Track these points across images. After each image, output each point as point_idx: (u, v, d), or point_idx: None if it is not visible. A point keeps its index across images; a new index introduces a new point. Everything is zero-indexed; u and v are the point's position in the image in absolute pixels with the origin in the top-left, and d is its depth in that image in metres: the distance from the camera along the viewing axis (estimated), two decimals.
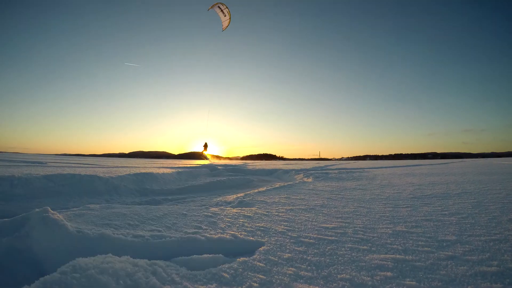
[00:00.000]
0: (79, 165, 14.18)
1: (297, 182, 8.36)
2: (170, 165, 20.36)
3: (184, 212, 3.74)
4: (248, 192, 6.31)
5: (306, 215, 3.59)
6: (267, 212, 3.84)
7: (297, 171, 14.11)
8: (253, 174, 16.89)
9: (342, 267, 1.95)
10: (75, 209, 3.71)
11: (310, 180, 9.30)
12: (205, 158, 47.00)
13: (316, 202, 4.58)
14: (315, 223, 3.16)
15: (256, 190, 6.65)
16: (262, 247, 2.36)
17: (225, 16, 12.64)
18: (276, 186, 7.28)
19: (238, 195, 6.31)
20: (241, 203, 4.85)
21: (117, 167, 14.38)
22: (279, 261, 2.09)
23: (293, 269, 1.95)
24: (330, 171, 12.85)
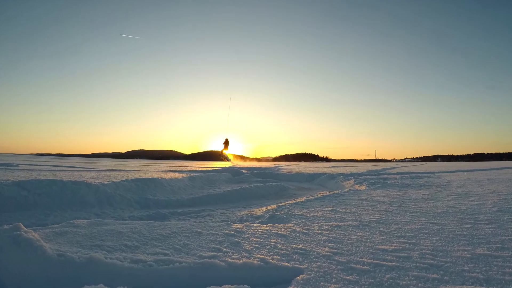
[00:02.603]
0: (60, 168, 15.20)
1: (346, 190, 8.56)
2: (180, 168, 21.05)
3: (199, 230, 3.80)
4: (282, 204, 6.41)
5: (358, 234, 3.62)
6: (307, 229, 3.89)
7: (346, 176, 14.39)
8: (288, 179, 17.27)
9: None
10: (55, 225, 3.94)
11: (363, 187, 9.49)
12: (225, 159, 47.95)
13: (371, 217, 4.65)
14: (370, 244, 3.17)
15: (292, 201, 6.76)
16: (301, 276, 2.37)
17: None
18: (319, 195, 7.39)
19: (269, 207, 6.41)
20: (272, 218, 4.96)
21: (110, 170, 15.16)
22: None
23: None
24: (390, 176, 13.13)
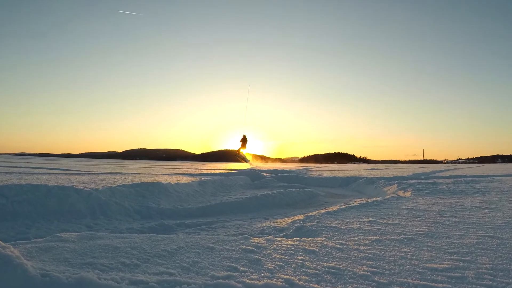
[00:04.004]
0: (45, 171, 15.51)
1: (387, 197, 8.60)
2: (189, 171, 21.20)
3: (211, 245, 3.80)
4: (311, 214, 6.40)
5: (402, 250, 3.62)
6: (341, 244, 3.90)
7: (388, 181, 14.54)
8: (318, 184, 17.44)
9: None
10: (39, 239, 4.01)
11: (408, 194, 9.60)
12: (243, 159, 47.98)
13: (417, 229, 4.66)
14: (416, 262, 3.16)
15: (323, 211, 6.78)
16: None
17: None
18: (355, 203, 7.43)
19: (295, 218, 6.39)
20: (299, 231, 4.99)
21: (104, 173, 15.40)
22: None
23: None
24: (440, 181, 13.18)
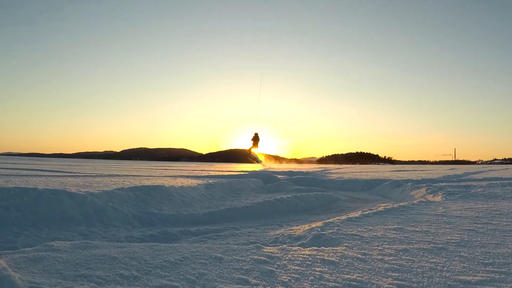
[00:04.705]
0: (35, 173, 15.67)
1: (415, 202, 8.66)
2: (194, 173, 21.34)
3: (219, 255, 3.78)
4: (330, 220, 6.41)
5: (432, 260, 3.63)
6: (364, 254, 3.91)
7: (416, 183, 14.62)
8: (338, 188, 17.58)
9: None
10: (28, 249, 4.01)
11: (438, 198, 9.74)
12: (254, 160, 48.11)
13: (448, 238, 4.68)
14: (448, 274, 3.16)
15: (344, 217, 6.80)
16: None
17: None
18: (380, 209, 7.48)
19: (313, 224, 6.39)
20: (317, 239, 5.01)
21: (101, 175, 15.53)
22: None
23: None
24: (474, 183, 13.36)
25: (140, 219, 7.82)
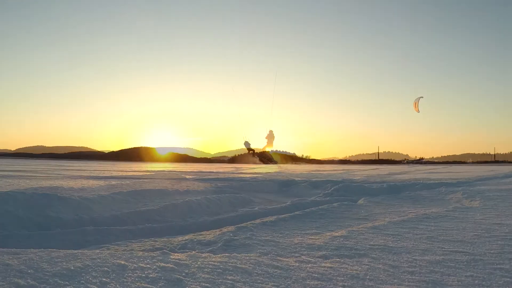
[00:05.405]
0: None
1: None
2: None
3: (122, 262, 3.66)
4: (243, 225, 6.38)
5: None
6: (280, 262, 3.83)
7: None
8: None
9: None
10: None
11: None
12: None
13: (370, 243, 4.67)
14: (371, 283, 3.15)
15: (258, 221, 6.74)
16: None
17: None
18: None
19: (224, 229, 6.27)
20: (229, 244, 4.90)
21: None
22: None
23: None
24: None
25: (37, 224, 7.40)
